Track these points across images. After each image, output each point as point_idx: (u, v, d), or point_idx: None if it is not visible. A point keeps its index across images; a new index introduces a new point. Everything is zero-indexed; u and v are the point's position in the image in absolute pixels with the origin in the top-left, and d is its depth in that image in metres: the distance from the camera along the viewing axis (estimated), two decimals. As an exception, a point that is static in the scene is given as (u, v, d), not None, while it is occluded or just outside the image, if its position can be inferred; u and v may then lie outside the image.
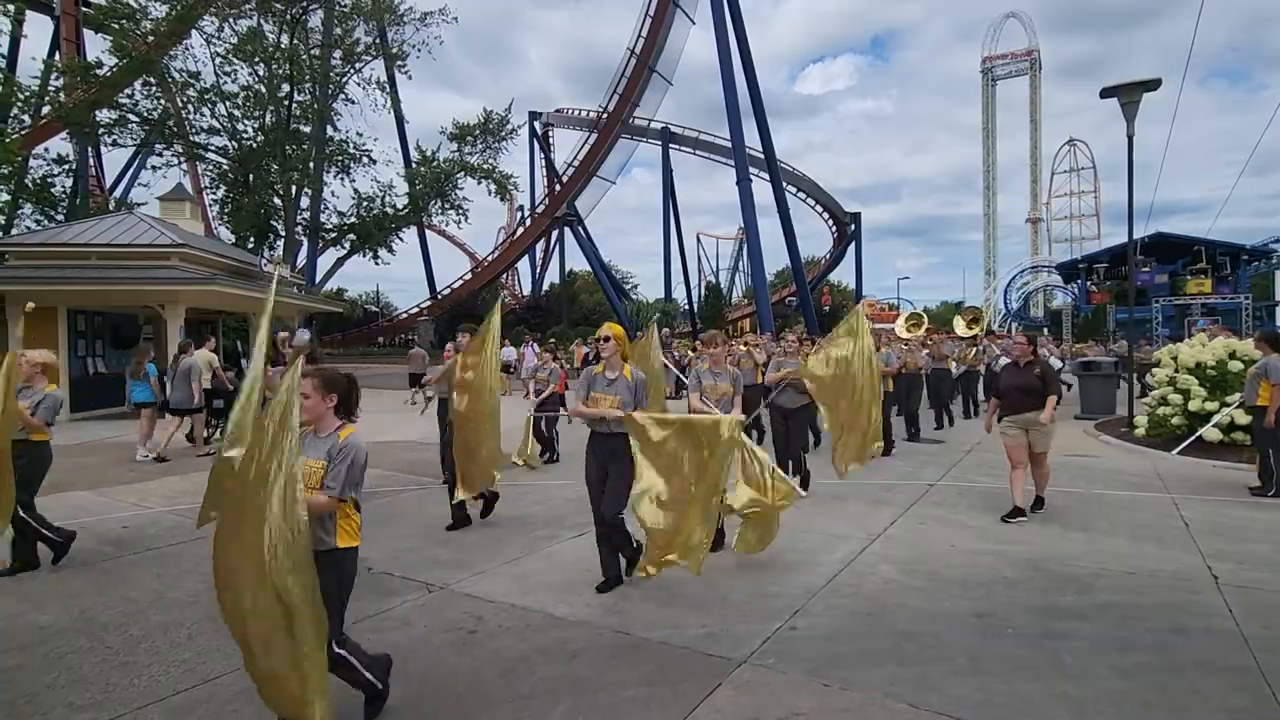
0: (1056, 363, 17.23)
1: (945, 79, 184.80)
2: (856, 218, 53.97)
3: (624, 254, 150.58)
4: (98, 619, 4.11)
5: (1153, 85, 10.81)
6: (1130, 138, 11.03)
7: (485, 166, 31.52)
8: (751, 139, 36.73)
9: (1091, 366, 13.68)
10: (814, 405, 6.38)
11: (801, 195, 51.17)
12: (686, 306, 51.92)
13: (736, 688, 3.21)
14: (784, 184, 40.42)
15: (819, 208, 53.30)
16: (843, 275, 66.05)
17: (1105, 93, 11.07)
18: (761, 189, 38.81)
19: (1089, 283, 44.50)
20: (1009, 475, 6.24)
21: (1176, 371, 9.69)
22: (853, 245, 53.99)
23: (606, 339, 4.44)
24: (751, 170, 35.91)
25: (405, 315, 47.75)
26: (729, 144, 36.90)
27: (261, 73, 27.63)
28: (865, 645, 3.66)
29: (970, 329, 14.29)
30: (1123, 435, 10.50)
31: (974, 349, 13.50)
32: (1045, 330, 50.12)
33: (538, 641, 3.75)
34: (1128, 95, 10.82)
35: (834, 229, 55.08)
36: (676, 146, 47.59)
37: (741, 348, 11.01)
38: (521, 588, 4.53)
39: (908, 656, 3.52)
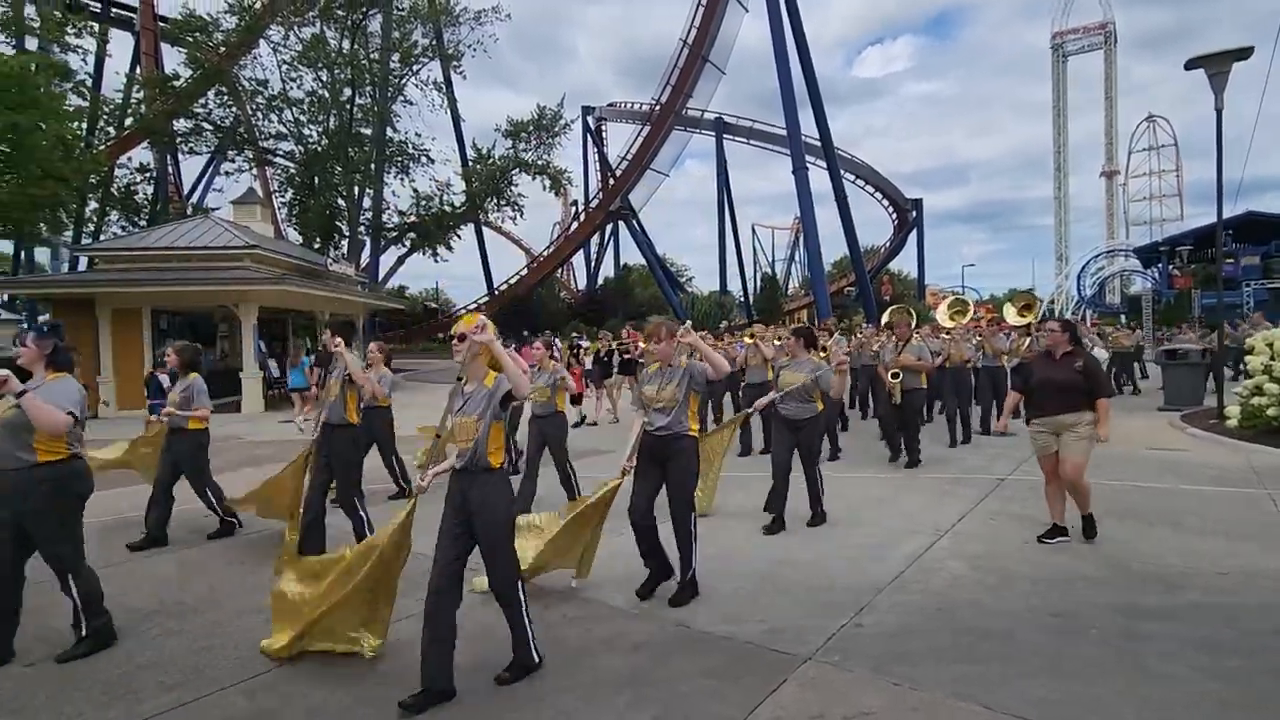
0: (1100, 353, 15.19)
1: (1011, 56, 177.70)
2: (918, 204, 52.43)
3: (678, 247, 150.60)
4: (183, 603, 4.33)
5: (1244, 54, 10.10)
6: (1219, 111, 10.34)
7: (539, 162, 31.88)
8: (808, 126, 36.07)
9: (1176, 354, 12.94)
10: (822, 418, 5.90)
11: (860, 182, 49.97)
12: (742, 299, 51.43)
13: (801, 684, 3.16)
14: (841, 171, 39.54)
15: (878, 194, 51.96)
16: (904, 264, 64.36)
17: (1191, 64, 10.40)
18: (818, 177, 38.02)
19: (1171, 266, 42.12)
20: (1044, 489, 5.29)
21: (1274, 359, 9.06)
22: (914, 233, 52.48)
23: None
24: (808, 158, 35.21)
25: (464, 311, 48.78)
26: (784, 132, 36.29)
27: (325, 78, 28.57)
28: (934, 643, 3.55)
29: (1023, 317, 12.76)
30: (1212, 427, 9.90)
31: (1026, 339, 12.03)
32: (1122, 317, 47.66)
33: (599, 632, 3.77)
34: (1216, 66, 10.14)
35: (894, 216, 53.62)
36: (730, 136, 47.09)
37: (748, 339, 10.30)
38: (584, 579, 4.55)
39: (980, 655, 3.40)
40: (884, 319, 11.15)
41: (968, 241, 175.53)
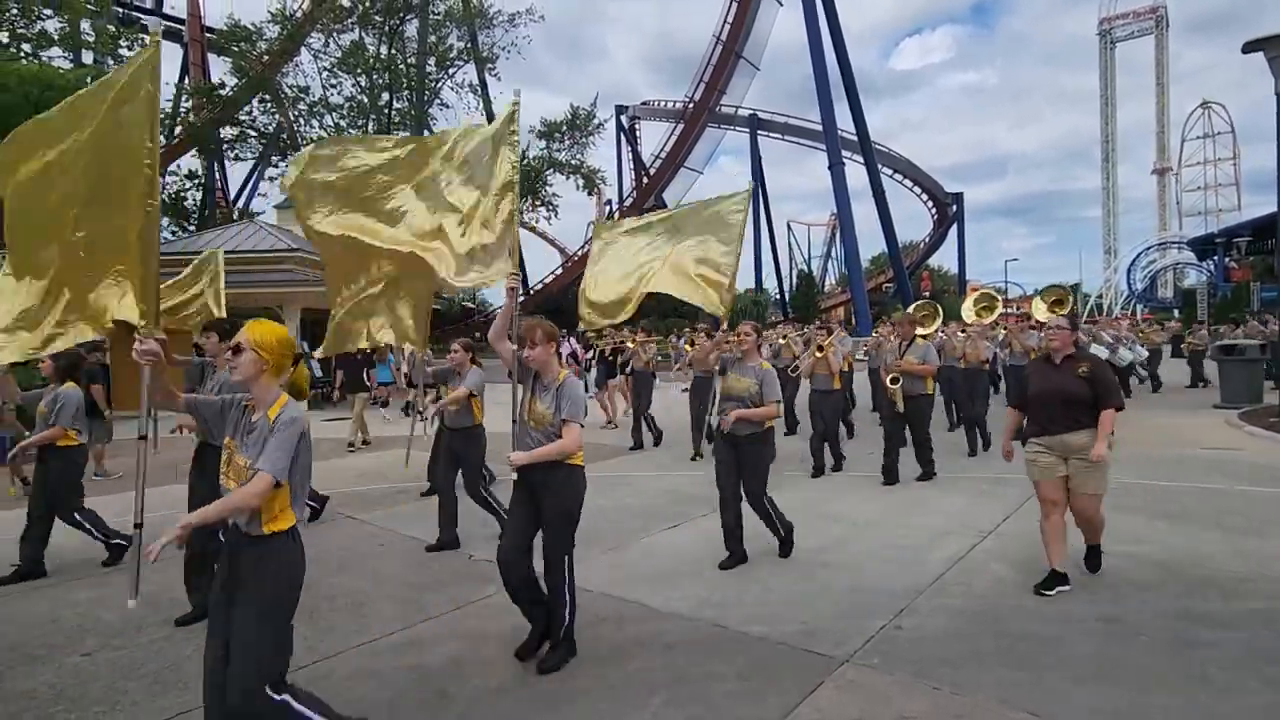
0: (1125, 354, 13.14)
1: (1056, 44, 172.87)
2: (958, 198, 51.34)
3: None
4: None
5: (1306, 34, 9.65)
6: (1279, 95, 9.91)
7: (573, 162, 32.05)
8: (843, 121, 35.58)
9: (1234, 350, 12.43)
10: (772, 435, 4.80)
11: (898, 177, 49.11)
12: (778, 296, 50.98)
13: (839, 687, 3.10)
14: (879, 166, 38.91)
15: (917, 189, 50.99)
16: (944, 259, 63.10)
17: (1249, 46, 9.98)
18: (855, 172, 37.52)
19: (1228, 258, 40.44)
20: (1040, 524, 4.28)
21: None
22: (954, 227, 51.39)
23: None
24: (844, 153, 34.76)
25: (499, 310, 49.43)
26: (819, 127, 35.87)
27: (363, 83, 29.13)
28: (977, 647, 3.46)
29: (1054, 313, 12.19)
30: (1272, 426, 9.48)
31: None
32: (1177, 313, 46.02)
33: (633, 632, 3.76)
34: (1276, 49, 9.71)
35: (934, 211, 52.58)
36: (765, 133, 46.69)
37: (781, 340, 10.30)
38: (617, 578, 4.55)
39: (1025, 661, 3.30)
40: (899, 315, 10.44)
41: (1010, 236, 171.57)
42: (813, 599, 4.12)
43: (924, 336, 7.76)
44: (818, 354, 7.79)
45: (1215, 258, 43.13)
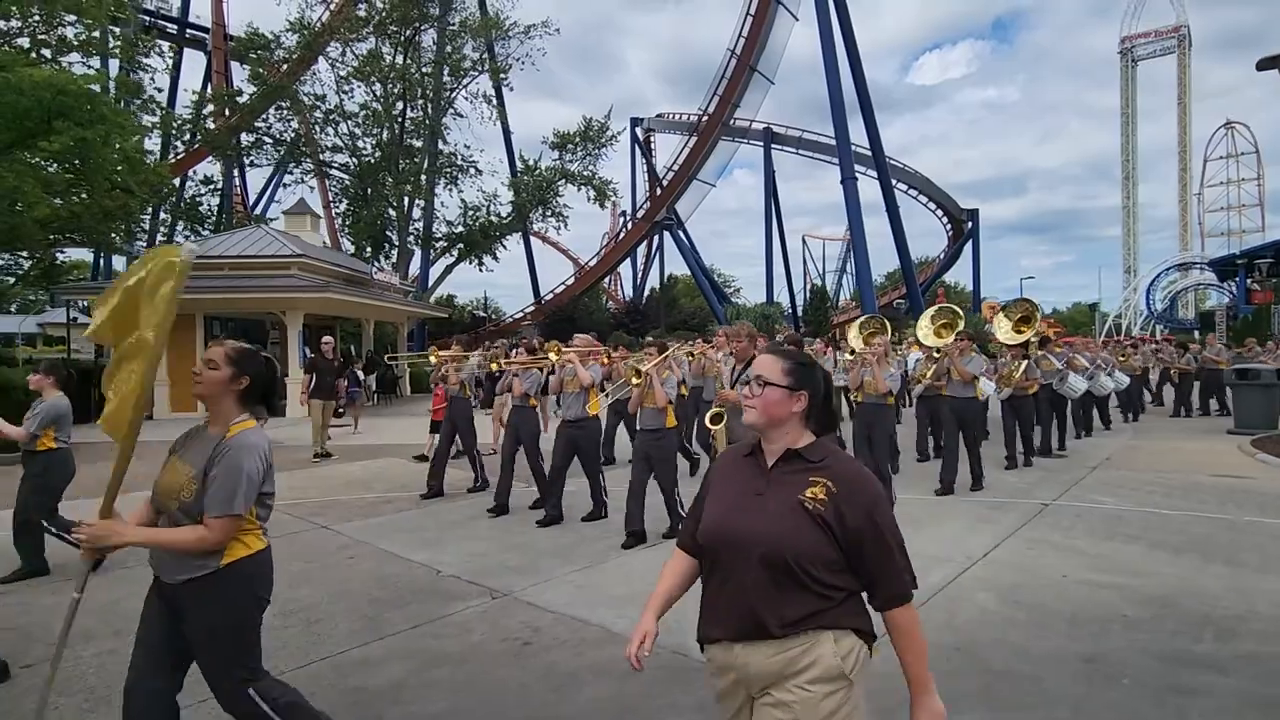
0: (1105, 382, 11.72)
1: (1078, 61, 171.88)
2: (974, 214, 50.85)
3: (725, 257, 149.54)
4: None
5: (1324, 51, 9.40)
6: (1295, 112, 9.65)
7: (585, 174, 32.06)
8: (858, 135, 35.38)
9: (1248, 374, 12.08)
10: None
11: (913, 192, 48.76)
12: (790, 310, 50.69)
13: (795, 725, 2.92)
14: (894, 181, 38.62)
15: (932, 204, 50.61)
16: (959, 276, 62.48)
17: (1263, 64, 9.76)
18: (870, 187, 37.27)
19: (1249, 280, 39.73)
20: None
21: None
22: (970, 244, 50.90)
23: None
24: (858, 168, 34.53)
25: (510, 320, 49.41)
26: (834, 141, 35.69)
27: (378, 92, 29.37)
28: (952, 686, 3.25)
29: (1019, 333, 9.47)
30: (1287, 453, 9.14)
31: (1022, 363, 8.98)
32: (1196, 333, 45.22)
33: (592, 657, 3.60)
34: (1291, 64, 9.47)
35: (949, 227, 52.13)
36: (779, 146, 46.54)
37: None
38: (584, 598, 4.40)
39: (1000, 701, 3.11)
40: (851, 333, 8.41)
41: (1030, 253, 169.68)
42: (783, 627, 3.94)
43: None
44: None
45: (1237, 279, 42.42)
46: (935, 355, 8.64)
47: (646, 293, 53.52)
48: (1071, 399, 10.42)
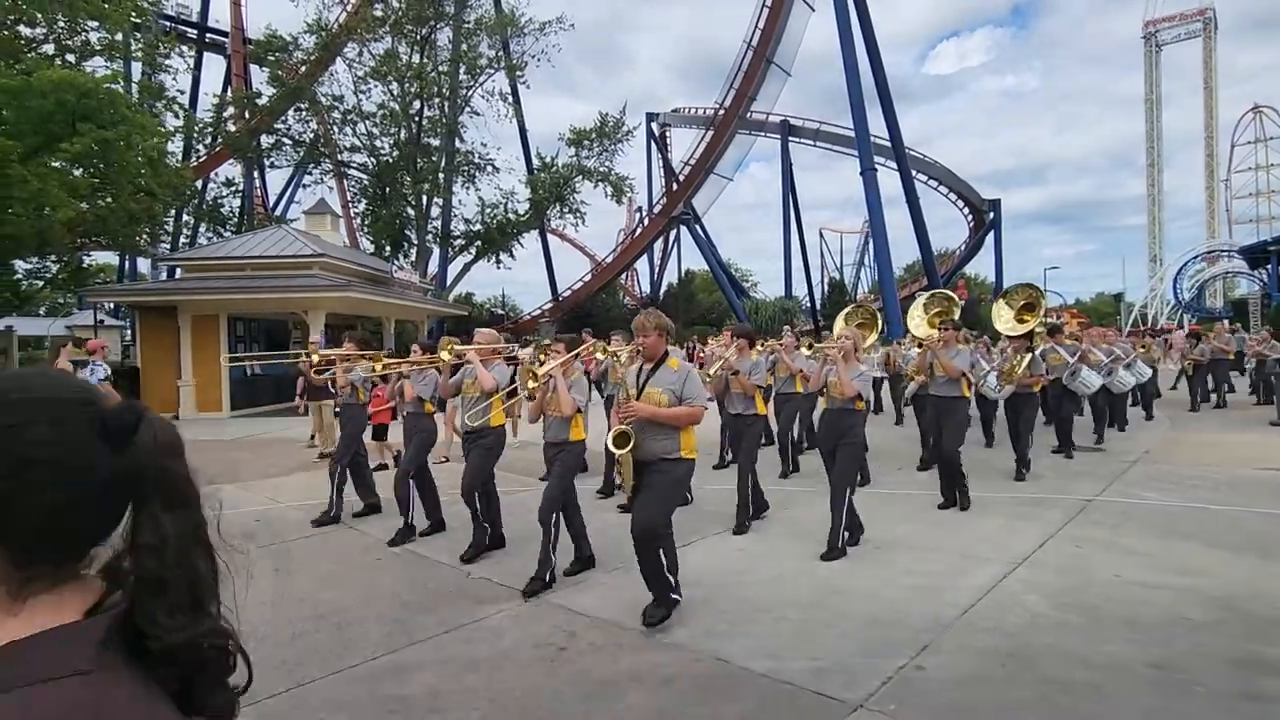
0: (1125, 378, 10.12)
1: (1099, 47, 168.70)
2: (995, 205, 50.06)
3: (743, 251, 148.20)
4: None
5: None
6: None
7: (602, 170, 31.92)
8: (877, 126, 34.89)
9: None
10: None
11: (933, 183, 48.08)
12: (808, 304, 50.25)
13: (848, 738, 2.78)
14: (913, 172, 38.07)
15: (952, 195, 49.89)
16: (980, 267, 61.61)
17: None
18: (889, 179, 36.77)
19: (1281, 267, 38.79)
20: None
21: None
22: (991, 234, 50.13)
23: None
24: (877, 159, 34.06)
25: (528, 317, 49.47)
26: (852, 133, 35.25)
27: (395, 91, 29.42)
28: (1007, 694, 3.11)
29: (1022, 323, 8.59)
30: (1335, 445, 8.79)
31: (1025, 357, 7.83)
32: (1227, 322, 44.24)
33: (628, 664, 3.48)
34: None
35: (970, 218, 51.37)
36: (796, 139, 46.09)
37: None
38: (620, 601, 4.27)
39: (1062, 712, 2.95)
40: (838, 325, 6.83)
41: (1053, 243, 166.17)
42: (825, 631, 3.80)
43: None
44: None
45: (1269, 266, 41.45)
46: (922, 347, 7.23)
47: (664, 288, 53.37)
48: (1086, 395, 9.33)
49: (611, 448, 3.85)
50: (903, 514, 6.28)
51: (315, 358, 6.82)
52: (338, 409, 7.31)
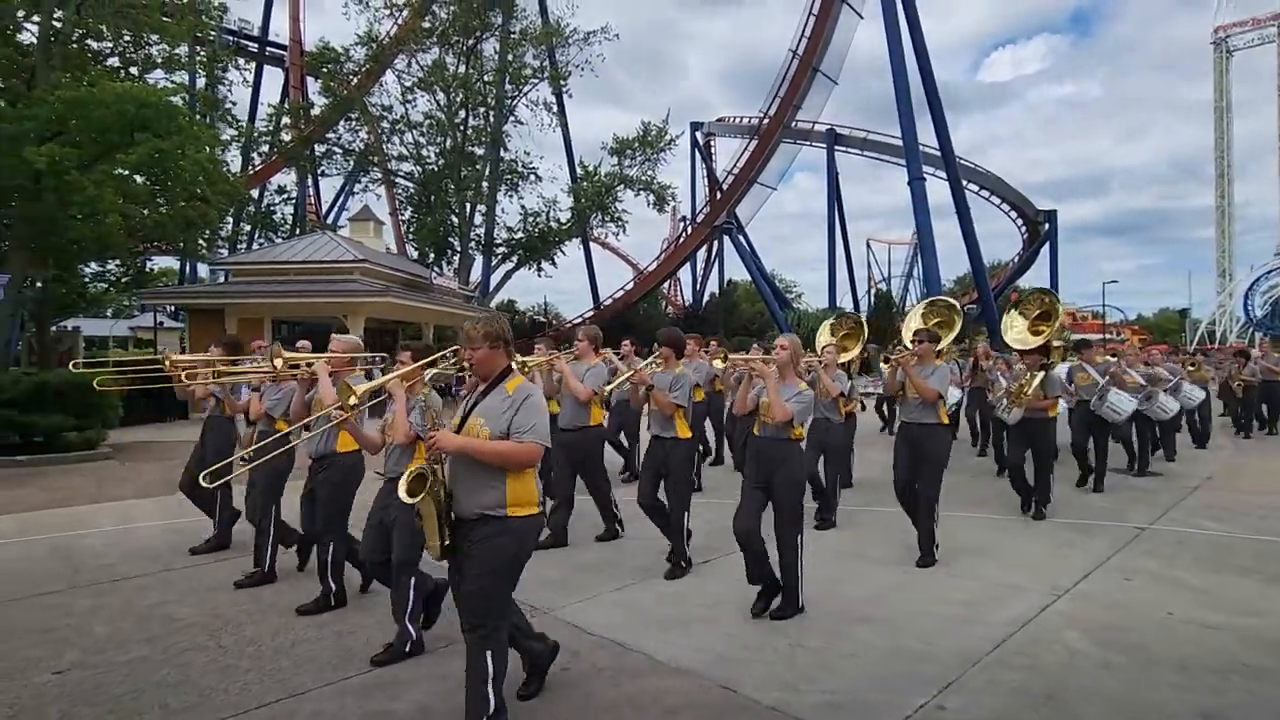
0: (1168, 404, 8.83)
1: (1165, 53, 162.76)
2: (1051, 215, 48.46)
3: (787, 262, 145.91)
4: (223, 615, 4.25)
5: None
6: None
7: (644, 178, 31.97)
8: (926, 135, 34.15)
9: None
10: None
11: (984, 193, 46.78)
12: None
13: (856, 784, 2.57)
14: (964, 182, 37.10)
15: (1005, 205, 48.47)
16: (1035, 280, 59.65)
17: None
18: (939, 189, 35.92)
19: (1363, 283, 36.54)
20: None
21: None
22: (1046, 247, 48.51)
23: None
24: (926, 168, 33.32)
25: (570, 324, 49.85)
26: (900, 142, 34.57)
27: (441, 101, 30.03)
28: (1038, 742, 2.84)
29: (1036, 334, 7.76)
30: None
31: (1035, 375, 6.74)
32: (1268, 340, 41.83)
33: (631, 689, 3.32)
34: None
35: (1024, 229, 49.82)
36: (843, 149, 45.42)
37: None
38: (627, 620, 4.12)
39: (1099, 766, 2.67)
40: (823, 335, 6.75)
41: (1113, 256, 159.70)
42: (844, 662, 3.57)
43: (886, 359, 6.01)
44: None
45: (1350, 282, 39.12)
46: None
47: (706, 298, 53.13)
48: (1116, 422, 7.75)
49: (403, 495, 2.74)
50: (942, 535, 5.95)
51: (166, 363, 5.21)
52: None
